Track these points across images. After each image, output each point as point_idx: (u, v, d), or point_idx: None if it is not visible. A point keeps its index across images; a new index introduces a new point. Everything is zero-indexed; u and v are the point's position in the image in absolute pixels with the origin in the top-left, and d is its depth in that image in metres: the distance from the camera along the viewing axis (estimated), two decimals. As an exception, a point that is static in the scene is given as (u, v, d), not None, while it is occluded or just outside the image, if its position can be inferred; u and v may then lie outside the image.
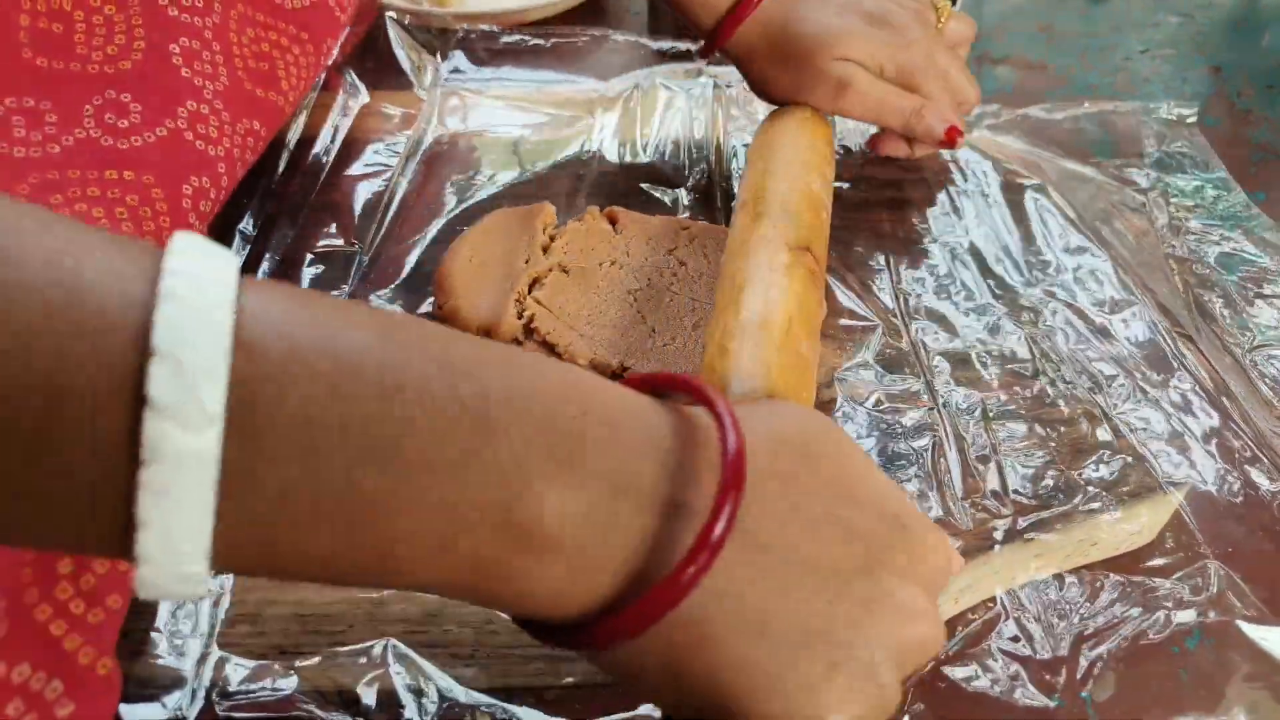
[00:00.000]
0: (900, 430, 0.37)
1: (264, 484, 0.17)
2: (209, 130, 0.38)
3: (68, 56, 0.37)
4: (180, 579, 0.17)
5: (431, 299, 0.42)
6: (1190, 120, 0.56)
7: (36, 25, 0.36)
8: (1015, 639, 0.31)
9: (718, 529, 0.19)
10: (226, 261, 0.17)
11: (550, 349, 0.38)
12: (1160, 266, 0.45)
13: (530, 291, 0.40)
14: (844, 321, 0.41)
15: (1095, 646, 0.31)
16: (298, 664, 0.29)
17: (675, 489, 0.20)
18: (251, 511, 0.17)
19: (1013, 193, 0.50)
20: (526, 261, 0.41)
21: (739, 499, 0.20)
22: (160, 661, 0.29)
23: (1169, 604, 0.32)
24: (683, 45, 0.60)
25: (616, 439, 0.20)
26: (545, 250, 0.42)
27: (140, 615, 0.30)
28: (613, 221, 0.44)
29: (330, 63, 0.48)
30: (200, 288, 0.17)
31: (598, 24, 0.62)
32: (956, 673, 0.30)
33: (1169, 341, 0.41)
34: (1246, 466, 0.36)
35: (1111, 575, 0.33)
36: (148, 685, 0.28)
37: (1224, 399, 0.39)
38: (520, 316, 0.39)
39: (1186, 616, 0.32)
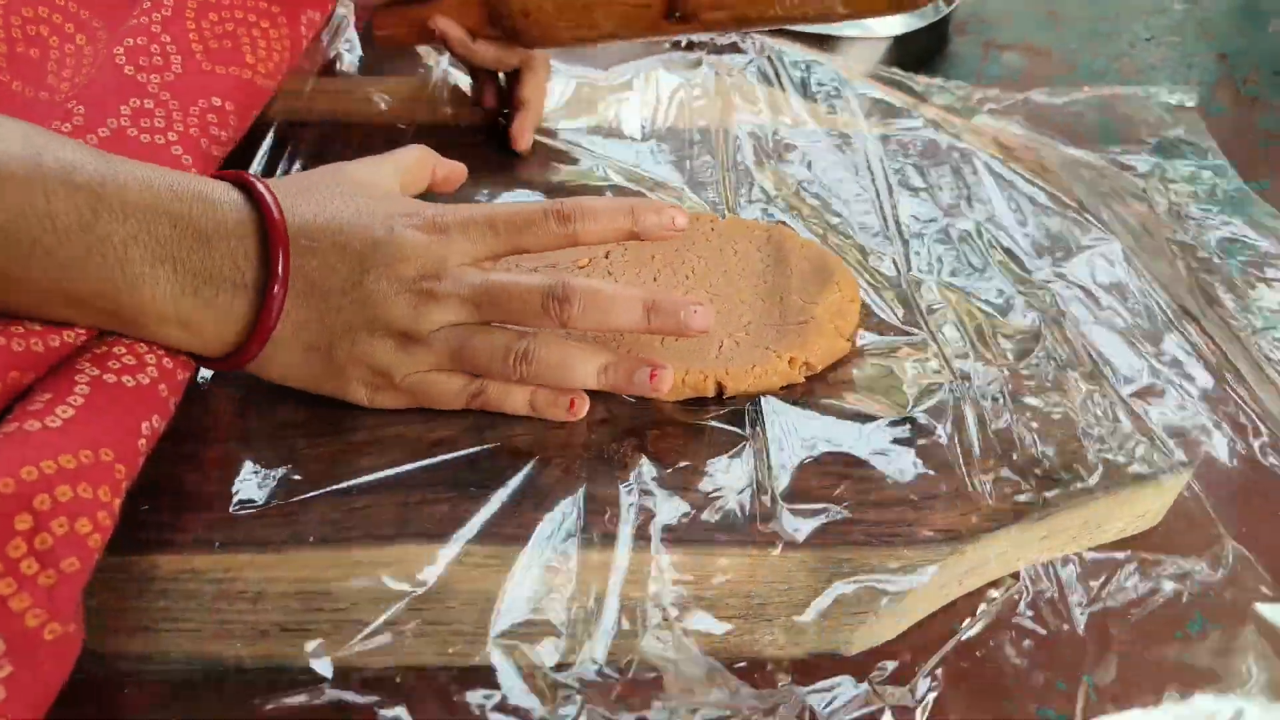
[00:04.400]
0: (921, 407, 0.37)
1: None
2: (154, 122, 0.38)
3: (39, 84, 0.38)
4: None
5: None
6: (1190, 105, 0.56)
7: (14, 50, 0.37)
8: (1032, 616, 0.31)
9: (275, 293, 0.31)
10: None
11: None
12: (1163, 251, 0.46)
13: None
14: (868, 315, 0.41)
15: (1112, 625, 0.31)
16: (300, 641, 0.29)
17: (245, 270, 0.31)
18: None
19: (1016, 178, 0.50)
20: None
21: (287, 270, 0.31)
22: (161, 637, 0.29)
23: (1185, 583, 0.32)
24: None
25: (203, 246, 0.30)
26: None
27: (143, 595, 0.29)
28: None
29: (313, 34, 0.47)
30: None
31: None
32: (974, 649, 0.30)
33: (1178, 324, 0.42)
34: (1258, 446, 0.37)
35: (1129, 553, 0.33)
36: (158, 661, 0.29)
37: (1232, 380, 0.39)
38: None
39: (1202, 596, 0.32)
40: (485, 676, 0.28)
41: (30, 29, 0.39)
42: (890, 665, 0.30)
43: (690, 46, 0.59)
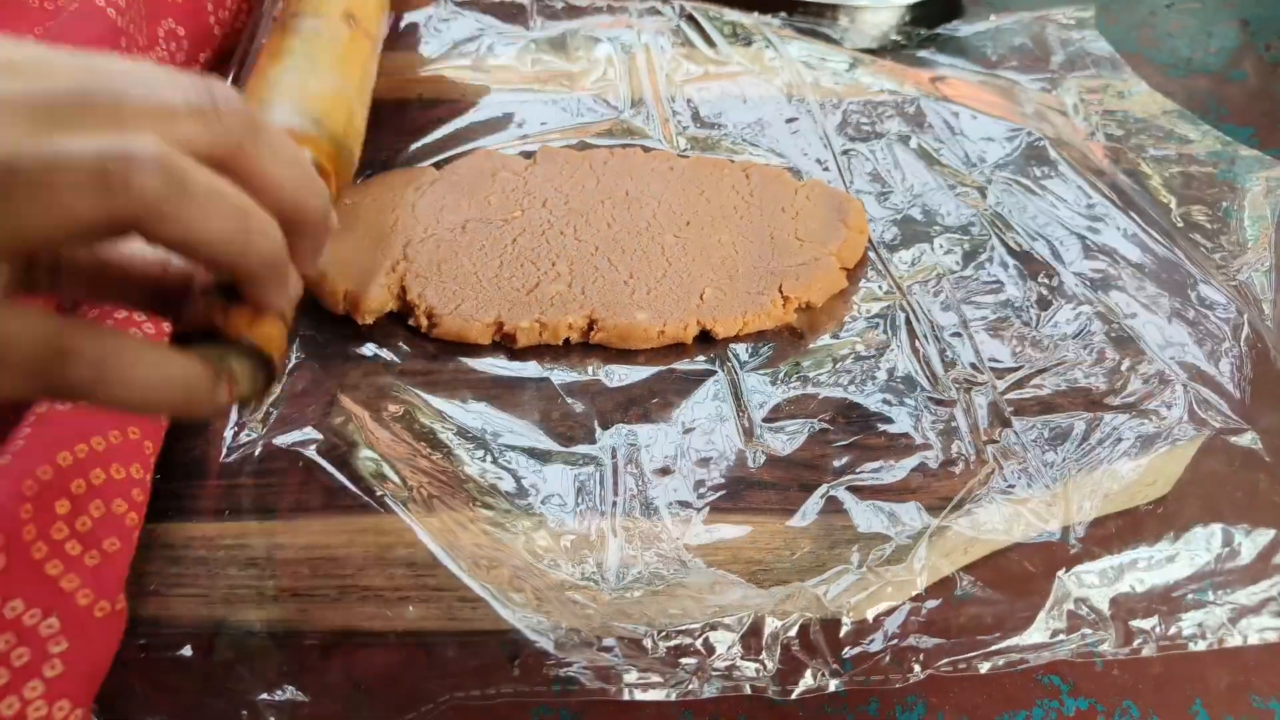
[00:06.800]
0: (872, 320, 0.38)
1: None
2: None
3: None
4: None
5: None
6: (1087, 17, 0.58)
7: None
8: (1010, 488, 0.32)
9: None
10: None
11: (429, 319, 0.36)
12: (1082, 148, 0.49)
13: (406, 257, 0.38)
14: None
15: (1084, 476, 0.33)
16: (309, 606, 0.30)
17: None
18: None
19: (941, 103, 0.52)
20: (394, 225, 0.39)
21: None
22: (172, 602, 0.30)
23: (1149, 428, 0.34)
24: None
25: None
26: (414, 208, 0.40)
27: (154, 560, 0.30)
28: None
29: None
30: None
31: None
32: (962, 525, 0.31)
33: (1110, 199, 0.44)
34: (1189, 294, 0.40)
35: (1083, 415, 0.35)
36: (168, 626, 0.29)
37: (1157, 247, 0.42)
38: (401, 287, 0.37)
39: (1164, 441, 0.34)
40: (505, 637, 0.29)
41: None
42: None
43: (611, 10, 0.58)
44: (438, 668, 0.28)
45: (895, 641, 0.28)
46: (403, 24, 0.55)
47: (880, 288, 0.40)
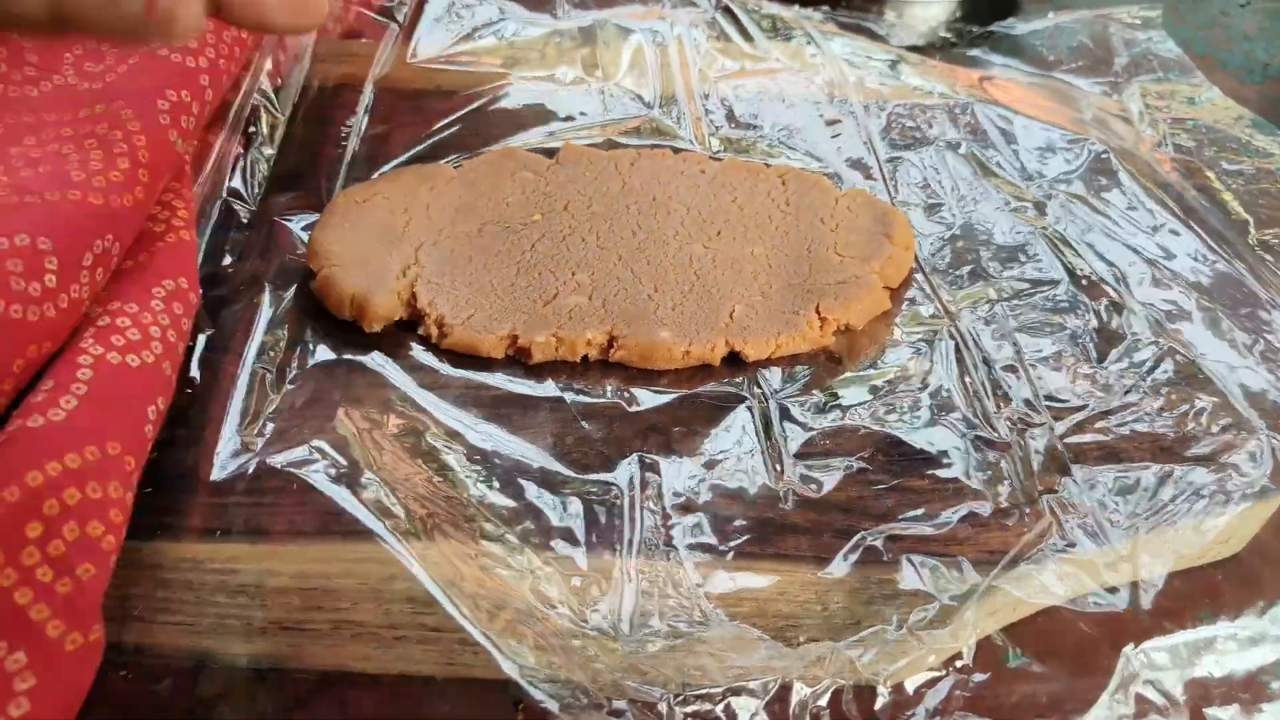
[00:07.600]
0: (917, 346, 0.36)
1: None
2: (189, 41, 0.37)
3: None
4: None
5: None
6: (1154, 16, 0.57)
7: None
8: (1070, 545, 0.30)
9: None
10: None
11: (440, 329, 0.35)
12: (1149, 160, 0.47)
13: (418, 261, 0.36)
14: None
15: (1153, 535, 0.30)
16: (299, 641, 0.28)
17: None
18: None
19: (991, 107, 0.49)
20: (407, 226, 0.37)
21: None
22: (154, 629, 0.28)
23: (1226, 485, 0.31)
24: None
25: None
26: (428, 209, 0.38)
27: (140, 583, 0.29)
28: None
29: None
30: None
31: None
32: (1014, 586, 0.29)
33: (1180, 219, 0.42)
34: (1270, 329, 0.37)
35: (1153, 465, 0.32)
36: (151, 655, 0.28)
37: (1233, 274, 0.40)
38: (412, 293, 0.35)
39: (1246, 497, 0.31)
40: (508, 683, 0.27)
41: None
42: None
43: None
44: (434, 715, 0.27)
45: (938, 718, 0.26)
46: (424, 8, 0.54)
47: (927, 311, 0.38)
